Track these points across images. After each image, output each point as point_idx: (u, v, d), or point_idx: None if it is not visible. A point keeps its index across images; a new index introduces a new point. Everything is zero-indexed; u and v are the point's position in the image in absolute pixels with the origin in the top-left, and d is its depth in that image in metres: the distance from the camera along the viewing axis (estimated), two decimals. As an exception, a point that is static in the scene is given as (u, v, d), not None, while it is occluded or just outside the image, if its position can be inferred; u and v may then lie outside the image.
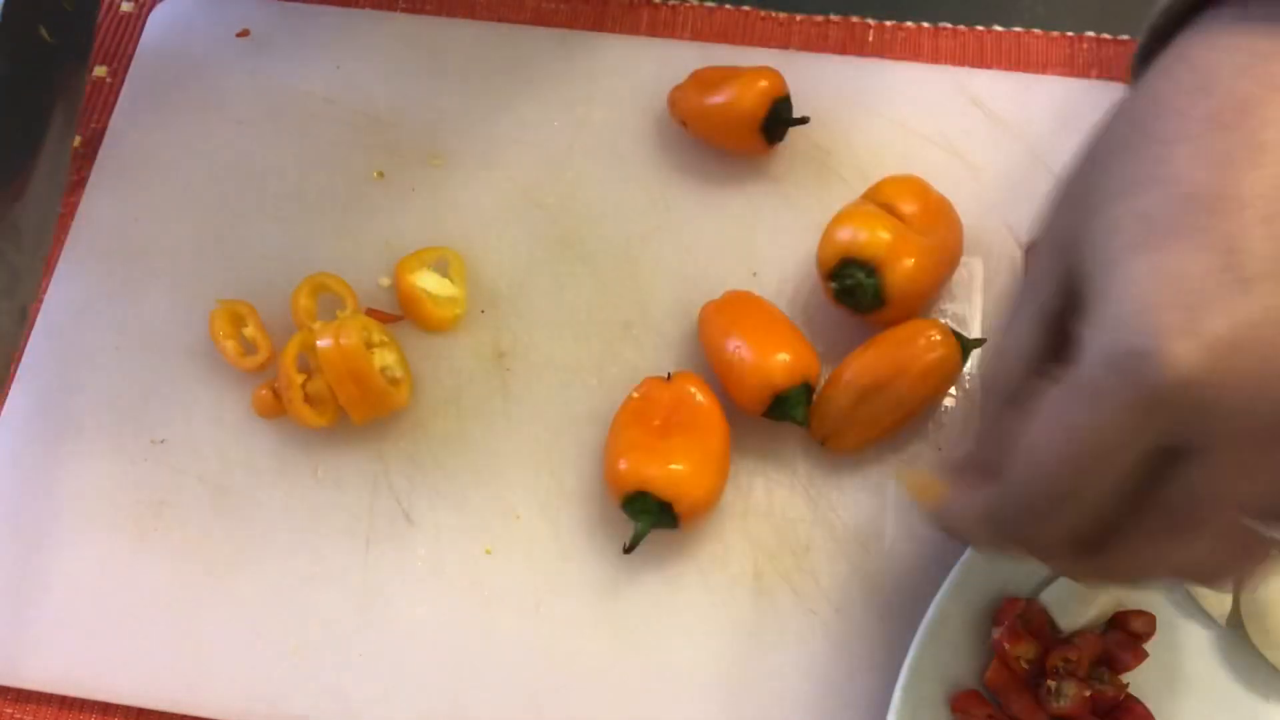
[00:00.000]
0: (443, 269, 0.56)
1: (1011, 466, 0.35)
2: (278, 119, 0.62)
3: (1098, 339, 0.32)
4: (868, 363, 0.51)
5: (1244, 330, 0.29)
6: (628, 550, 0.49)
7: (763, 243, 0.57)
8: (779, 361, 0.50)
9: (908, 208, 0.52)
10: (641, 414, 0.51)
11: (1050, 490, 0.34)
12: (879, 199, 0.53)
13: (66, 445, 0.55)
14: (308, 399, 0.52)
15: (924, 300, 0.53)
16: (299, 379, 0.52)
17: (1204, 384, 0.30)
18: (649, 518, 0.49)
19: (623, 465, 0.49)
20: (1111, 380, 0.31)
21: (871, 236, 0.50)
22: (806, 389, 0.50)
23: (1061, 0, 0.62)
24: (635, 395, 0.52)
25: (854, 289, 0.51)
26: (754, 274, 0.57)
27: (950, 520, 0.39)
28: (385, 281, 0.57)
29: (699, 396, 0.51)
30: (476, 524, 0.53)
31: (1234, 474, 0.32)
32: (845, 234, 0.51)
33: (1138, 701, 0.47)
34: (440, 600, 0.52)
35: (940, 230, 0.53)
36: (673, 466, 0.48)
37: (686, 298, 0.56)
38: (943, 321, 0.52)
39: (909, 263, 0.50)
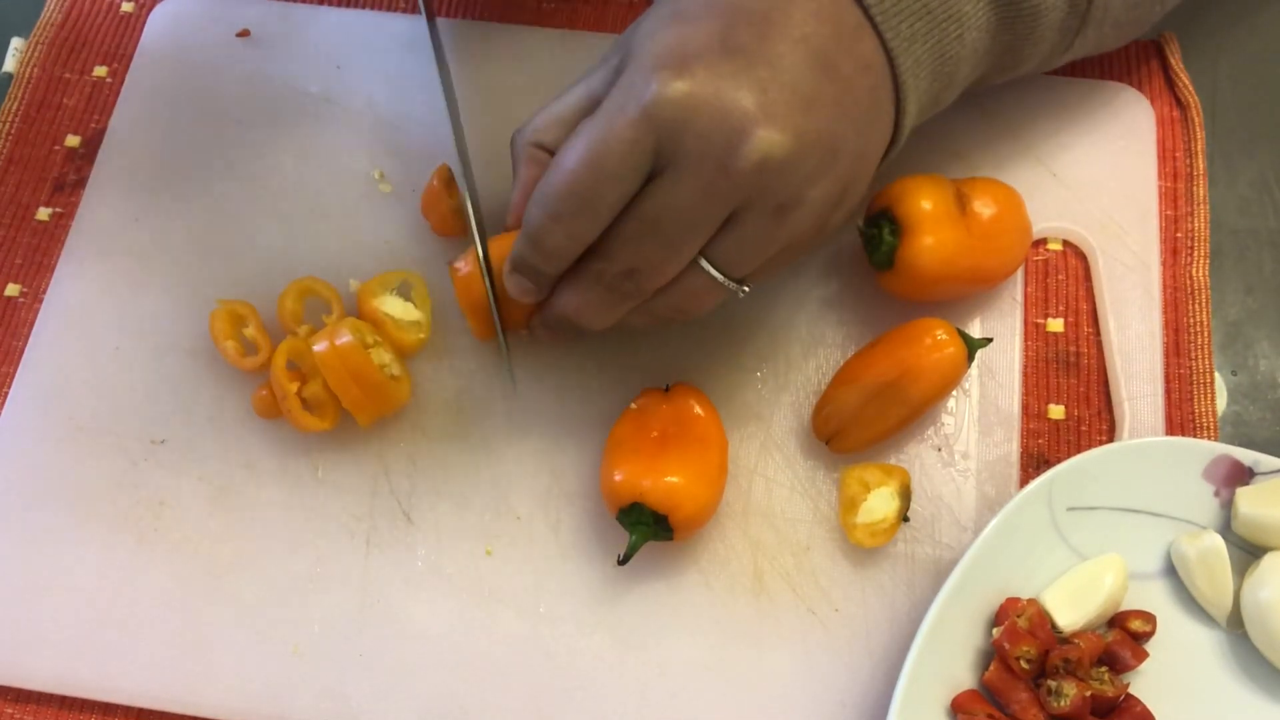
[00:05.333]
0: (405, 293, 0.56)
1: (543, 181, 0.45)
2: (278, 119, 0.62)
3: (623, 79, 0.44)
4: (873, 362, 0.51)
5: (716, 80, 0.42)
6: (622, 562, 0.49)
7: (763, 243, 0.57)
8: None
9: (982, 209, 0.52)
10: (640, 425, 0.51)
11: (572, 190, 0.43)
12: (964, 187, 0.52)
13: (66, 445, 0.55)
14: (306, 404, 0.52)
15: (938, 288, 0.53)
16: (293, 386, 0.52)
17: (684, 110, 0.42)
18: (644, 529, 0.49)
19: (618, 477, 0.49)
20: (623, 101, 0.43)
21: (913, 200, 0.50)
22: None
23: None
24: (634, 406, 0.52)
25: (872, 240, 0.52)
26: (754, 274, 0.57)
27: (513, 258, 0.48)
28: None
29: (697, 409, 0.51)
30: (476, 524, 0.53)
31: (687, 188, 0.43)
32: (896, 189, 0.51)
33: (1138, 701, 0.47)
34: (440, 600, 0.52)
35: (995, 246, 0.52)
36: (669, 479, 0.48)
37: (686, 298, 0.56)
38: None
39: (929, 240, 0.50)
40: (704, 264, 0.45)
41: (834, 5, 0.45)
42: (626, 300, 0.47)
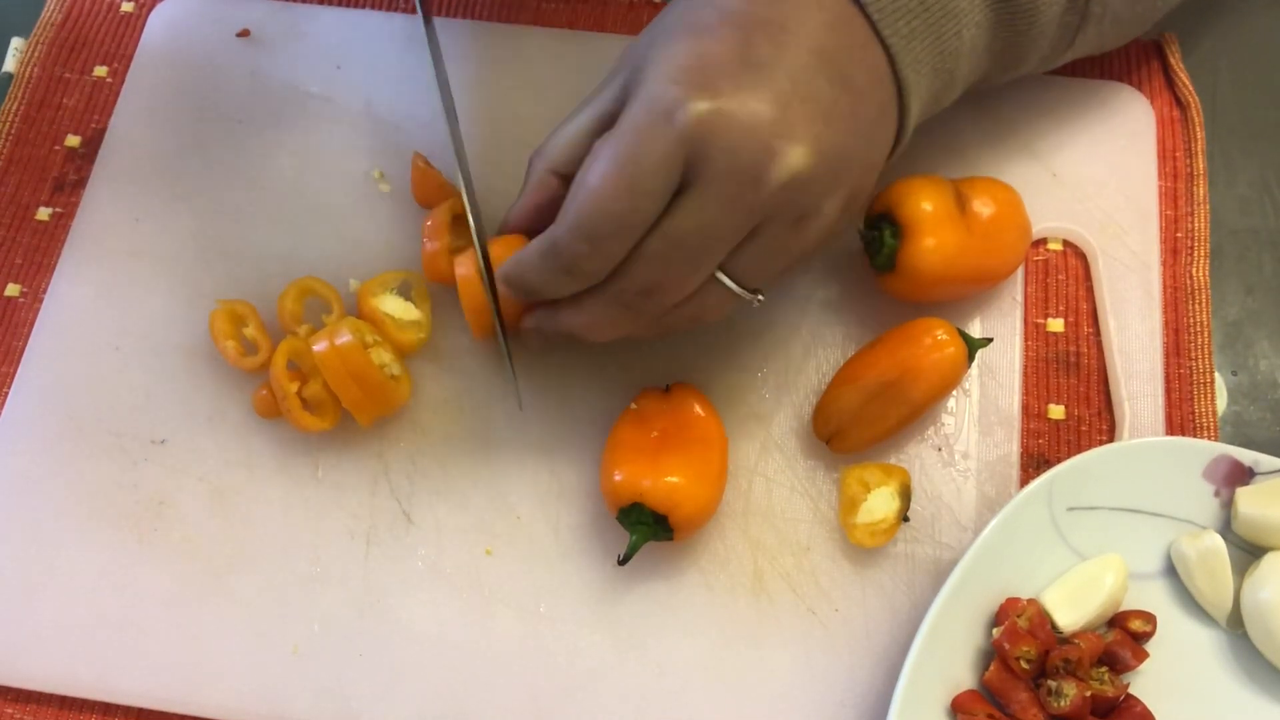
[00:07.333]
0: (405, 293, 0.55)
1: (571, 202, 0.44)
2: (278, 119, 0.62)
3: (642, 93, 0.43)
4: (873, 362, 0.51)
5: (741, 97, 0.42)
6: (622, 562, 0.49)
7: (763, 243, 0.57)
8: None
9: (982, 209, 0.52)
10: (640, 425, 0.51)
11: (608, 210, 0.42)
12: (963, 186, 0.52)
13: (66, 445, 0.55)
14: (306, 404, 0.52)
15: (939, 289, 0.53)
16: (293, 386, 0.52)
17: (712, 126, 0.41)
18: (644, 529, 0.49)
19: (618, 477, 0.49)
20: (651, 119, 0.42)
21: (914, 203, 0.50)
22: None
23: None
24: (634, 406, 0.52)
25: (873, 242, 0.52)
26: (754, 274, 0.57)
27: (512, 265, 0.47)
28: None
29: (697, 409, 0.51)
30: (476, 524, 0.53)
31: (716, 205, 0.42)
32: (896, 192, 0.51)
33: (1138, 701, 0.47)
34: (440, 600, 0.52)
35: (995, 246, 0.52)
36: (669, 479, 0.48)
37: (686, 298, 0.56)
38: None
39: (930, 242, 0.50)
40: (721, 277, 0.46)
41: (844, 17, 0.45)
42: (641, 317, 0.47)
